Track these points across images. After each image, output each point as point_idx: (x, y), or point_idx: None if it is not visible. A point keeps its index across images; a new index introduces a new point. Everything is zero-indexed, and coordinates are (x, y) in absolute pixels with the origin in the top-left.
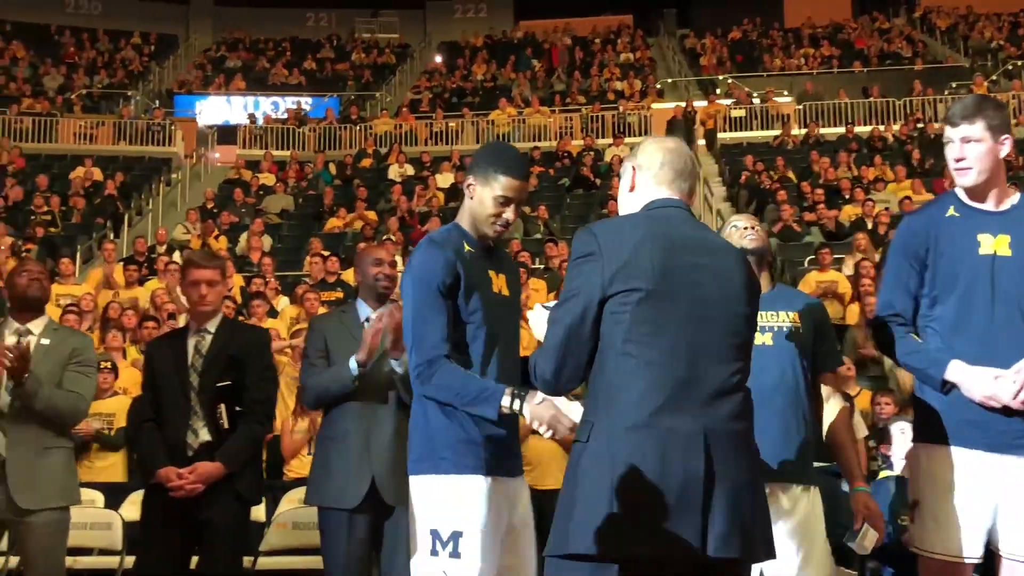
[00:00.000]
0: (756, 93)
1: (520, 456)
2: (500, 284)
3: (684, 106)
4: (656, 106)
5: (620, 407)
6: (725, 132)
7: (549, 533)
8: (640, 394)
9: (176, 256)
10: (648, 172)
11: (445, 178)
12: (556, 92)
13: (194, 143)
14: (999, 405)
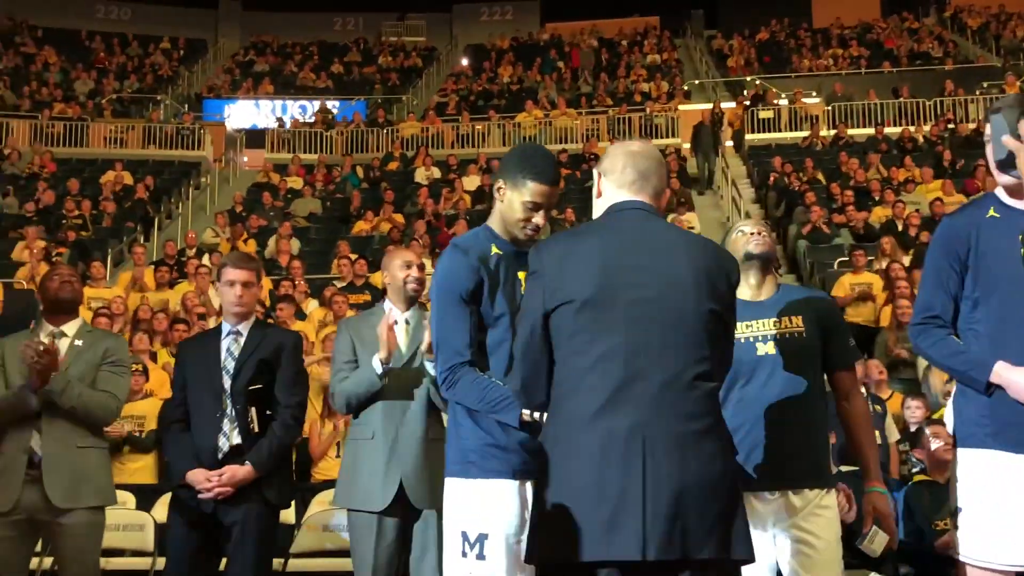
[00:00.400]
0: (784, 94)
1: None
2: None
3: (712, 107)
4: (683, 108)
5: (563, 414)
6: (753, 134)
7: None
8: (578, 400)
9: (205, 259)
10: (611, 177)
11: (471, 181)
12: (582, 94)
13: (223, 147)
14: None
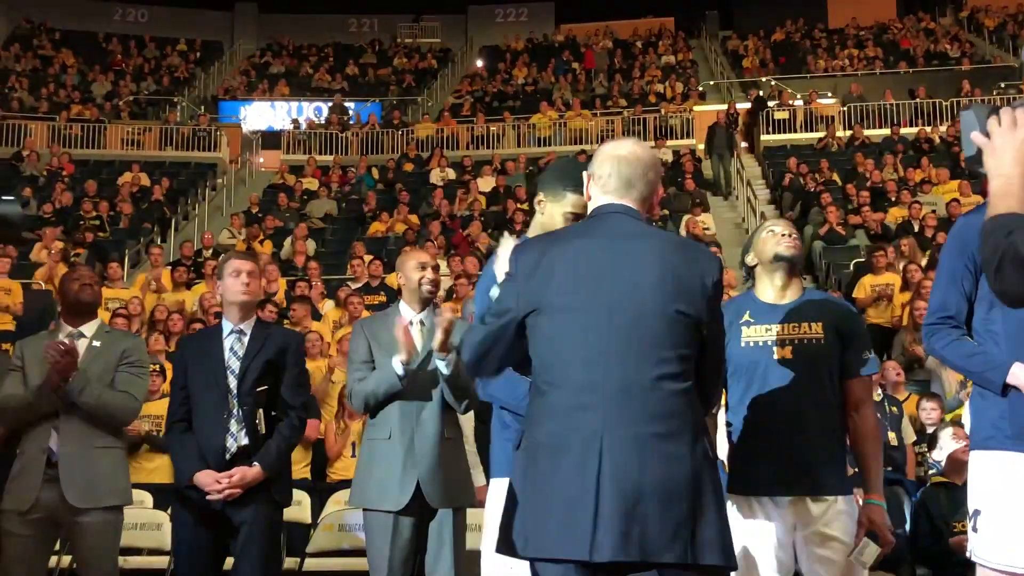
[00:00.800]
0: (800, 95)
1: None
2: None
3: (727, 108)
4: (698, 108)
5: (531, 417)
6: (768, 135)
7: None
8: (546, 402)
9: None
10: (597, 181)
11: (486, 182)
12: (597, 95)
13: (239, 148)
14: None
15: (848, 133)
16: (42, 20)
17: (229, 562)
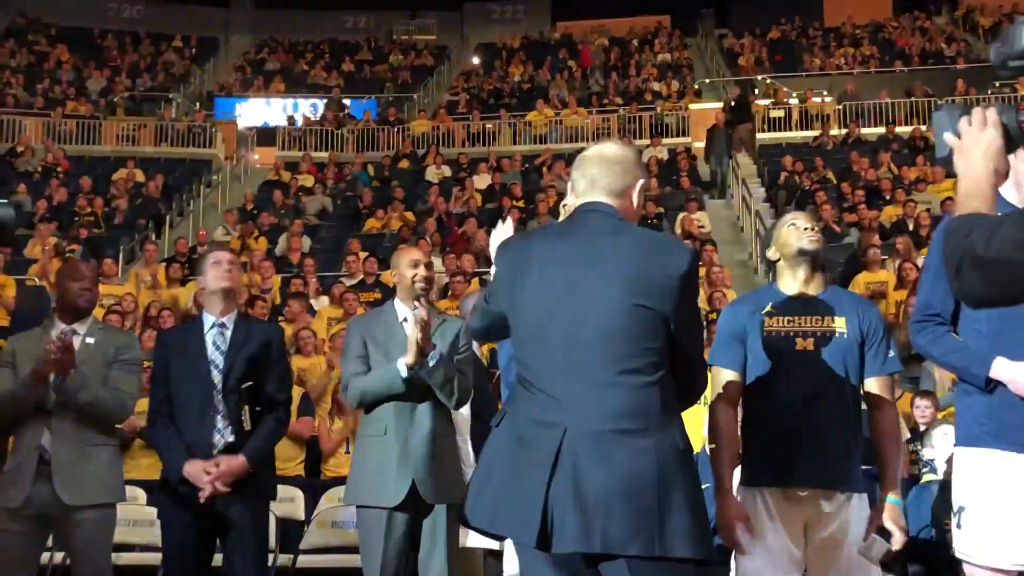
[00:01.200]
0: (795, 93)
1: None
2: None
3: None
4: (694, 106)
5: (510, 404)
6: (764, 133)
7: None
8: (517, 396)
9: None
10: (580, 180)
11: (482, 179)
12: (593, 93)
13: (234, 145)
14: None
15: (843, 131)
16: (37, 16)
17: (218, 558)
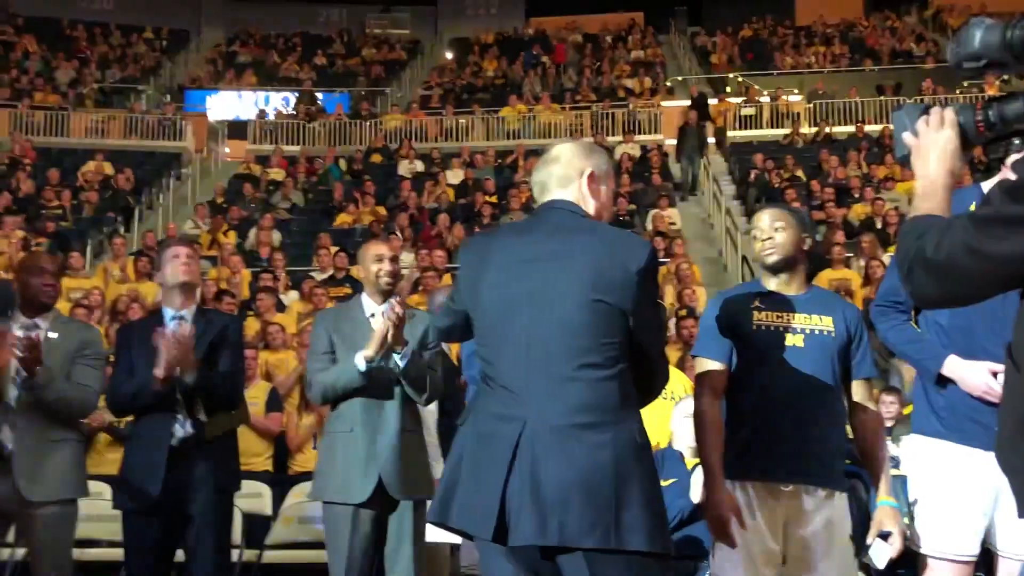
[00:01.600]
0: (766, 91)
1: None
2: None
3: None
4: (666, 104)
5: (475, 402)
6: (735, 131)
7: None
8: (480, 394)
9: None
10: (535, 186)
11: (455, 174)
12: (566, 89)
13: (204, 138)
14: (996, 400)
15: (814, 130)
16: (4, 5)
17: (182, 554)
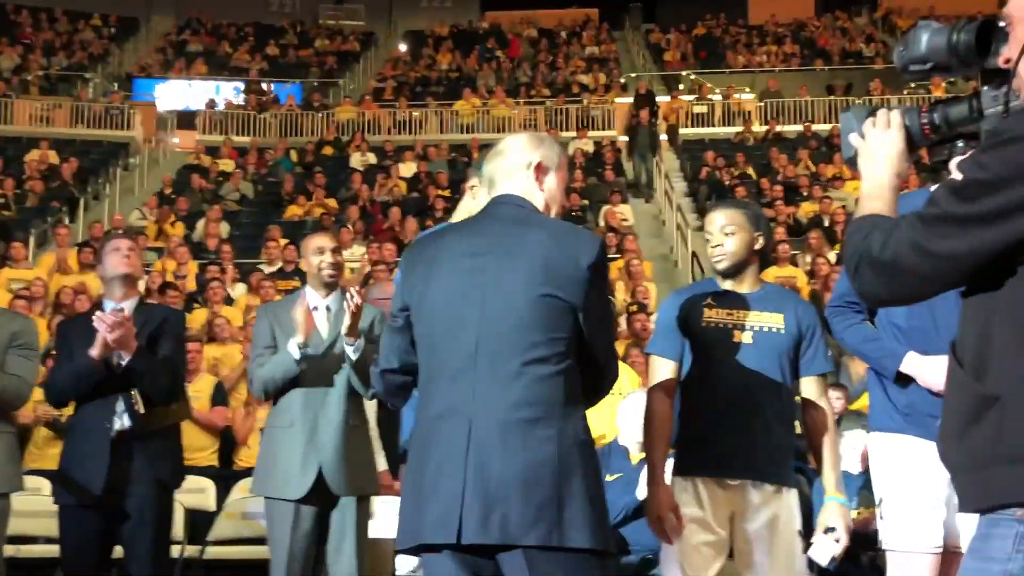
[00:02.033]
0: (719, 89)
1: None
2: None
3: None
4: (620, 100)
5: (418, 410)
6: (687, 128)
7: None
8: (422, 398)
9: None
10: (485, 182)
11: (408, 167)
12: (521, 84)
13: (153, 128)
14: None
15: (764, 128)
16: None
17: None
